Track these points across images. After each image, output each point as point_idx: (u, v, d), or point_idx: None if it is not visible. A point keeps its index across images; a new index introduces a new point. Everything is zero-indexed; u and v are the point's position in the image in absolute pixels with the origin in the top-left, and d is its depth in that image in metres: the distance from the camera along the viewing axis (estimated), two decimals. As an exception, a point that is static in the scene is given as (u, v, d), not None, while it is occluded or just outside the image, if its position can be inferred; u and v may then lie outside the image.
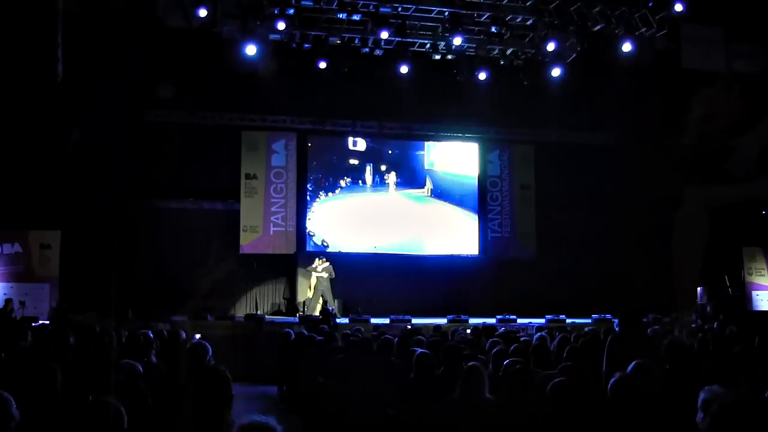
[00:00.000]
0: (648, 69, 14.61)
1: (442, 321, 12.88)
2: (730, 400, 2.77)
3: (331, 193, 16.30)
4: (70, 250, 13.76)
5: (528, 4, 13.54)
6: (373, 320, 13.02)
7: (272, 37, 13.64)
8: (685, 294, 14.39)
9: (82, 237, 13.84)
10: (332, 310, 13.82)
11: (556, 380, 4.18)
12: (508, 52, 14.82)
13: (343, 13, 13.24)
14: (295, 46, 14.13)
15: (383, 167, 16.63)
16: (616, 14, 13.71)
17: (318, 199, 16.22)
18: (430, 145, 17.01)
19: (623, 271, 15.80)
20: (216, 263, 15.20)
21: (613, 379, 3.90)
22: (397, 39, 13.96)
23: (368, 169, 16.53)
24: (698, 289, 14.69)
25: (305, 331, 10.17)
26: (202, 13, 12.58)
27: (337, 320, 13.15)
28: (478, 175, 17.12)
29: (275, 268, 15.89)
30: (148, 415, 4.20)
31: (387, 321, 12.79)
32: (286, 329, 10.33)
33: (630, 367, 4.29)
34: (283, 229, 15.77)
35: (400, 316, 13.10)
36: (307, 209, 16.09)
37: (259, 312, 14.72)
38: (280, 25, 13.17)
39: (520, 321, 13.53)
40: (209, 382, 3.25)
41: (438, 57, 14.79)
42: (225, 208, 15.80)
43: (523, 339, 7.45)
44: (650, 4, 13.60)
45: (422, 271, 16.05)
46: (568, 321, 13.49)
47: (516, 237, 17.10)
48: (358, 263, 15.70)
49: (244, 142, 15.74)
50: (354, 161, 16.51)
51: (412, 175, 16.78)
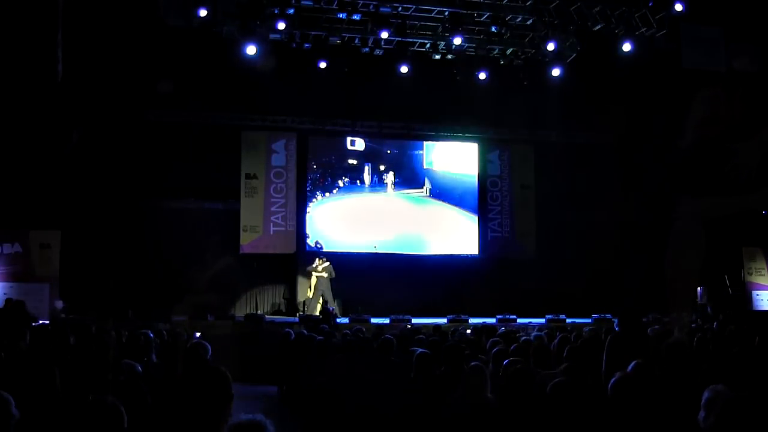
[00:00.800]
0: (648, 69, 14.62)
1: (442, 321, 12.88)
2: (734, 400, 2.77)
3: (328, 194, 16.29)
4: (70, 250, 13.76)
5: (528, 3, 13.54)
6: (373, 320, 13.02)
7: (272, 37, 13.64)
8: (685, 294, 14.39)
9: (82, 237, 13.83)
10: (332, 309, 13.82)
11: (557, 380, 4.18)
12: (508, 52, 14.82)
13: (343, 13, 13.23)
14: (295, 46, 14.13)
15: (382, 167, 16.62)
16: (616, 14, 13.71)
17: (315, 200, 16.20)
18: (430, 145, 17.01)
19: (623, 271, 15.81)
20: (216, 263, 15.21)
21: (613, 379, 3.89)
22: (397, 39, 13.96)
23: (366, 169, 16.52)
24: (698, 289, 14.69)
25: (305, 331, 10.17)
26: (203, 13, 12.57)
27: (337, 320, 13.15)
28: (478, 175, 17.11)
29: (275, 268, 15.89)
30: (148, 414, 4.19)
31: (387, 321, 12.78)
32: (286, 329, 10.32)
33: (630, 367, 4.29)
34: (283, 229, 15.77)
35: (400, 316, 13.10)
36: (306, 209, 16.09)
37: (259, 312, 14.72)
38: (280, 25, 13.17)
39: (520, 321, 13.54)
40: (209, 381, 3.25)
41: (438, 57, 14.79)
42: (225, 207, 15.80)
43: (523, 339, 7.44)
44: (650, 4, 13.60)
45: (422, 271, 16.05)
46: (568, 321, 13.50)
47: (516, 237, 17.09)
48: (358, 263, 15.69)
49: (244, 142, 15.74)
50: (353, 161, 16.50)
51: (411, 175, 16.78)
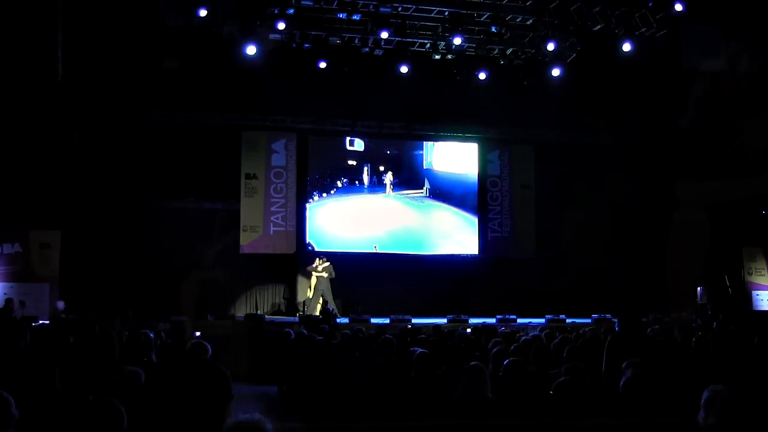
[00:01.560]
0: (648, 69, 14.62)
1: (442, 321, 12.89)
2: (734, 399, 2.77)
3: (326, 194, 16.29)
4: (70, 250, 13.76)
5: (528, 4, 13.53)
6: (373, 320, 13.02)
7: (272, 37, 13.63)
8: (685, 294, 14.39)
9: (82, 237, 13.84)
10: (332, 310, 13.82)
11: (559, 380, 4.19)
12: (508, 52, 14.81)
13: (343, 13, 13.23)
14: (295, 46, 14.13)
15: (381, 168, 16.61)
16: (616, 14, 13.70)
17: (312, 201, 16.19)
18: (430, 145, 17.00)
19: (623, 271, 15.82)
20: (216, 263, 15.21)
21: (624, 379, 3.90)
22: (397, 39, 13.96)
23: (366, 169, 16.52)
24: (698, 289, 14.69)
25: (305, 331, 10.17)
26: (203, 12, 12.57)
27: (337, 320, 13.16)
28: (478, 175, 17.11)
29: (275, 268, 15.90)
30: (148, 414, 4.19)
31: (387, 321, 12.79)
32: (286, 329, 10.32)
33: (631, 367, 4.29)
34: (283, 229, 15.76)
35: (400, 316, 13.11)
36: (306, 209, 16.09)
37: (259, 312, 14.72)
38: (280, 25, 13.16)
39: (520, 321, 13.55)
40: (209, 381, 3.25)
41: (438, 57, 14.78)
42: (225, 207, 15.80)
43: (523, 339, 7.45)
44: (650, 4, 13.59)
45: (422, 271, 16.05)
46: (568, 321, 13.51)
47: (516, 237, 17.09)
48: (358, 263, 15.69)
49: (244, 142, 15.74)
50: (352, 162, 16.50)
51: (410, 176, 16.78)
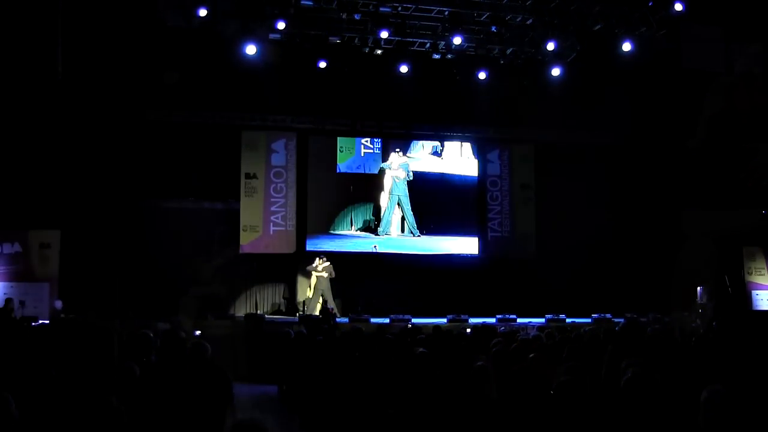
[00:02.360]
0: (648, 69, 14.62)
1: (442, 321, 12.90)
2: (732, 399, 2.78)
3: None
4: (70, 249, 13.77)
5: (528, 3, 13.53)
6: (373, 320, 13.03)
7: (272, 36, 13.64)
8: (685, 294, 14.39)
9: (82, 237, 13.84)
10: (332, 309, 13.82)
11: (561, 380, 4.18)
12: (508, 51, 14.81)
13: (343, 12, 13.24)
14: (295, 45, 14.13)
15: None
16: (616, 14, 13.71)
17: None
18: (429, 145, 16.98)
19: (623, 271, 15.82)
20: (216, 263, 15.22)
21: (625, 378, 3.90)
22: (397, 38, 13.95)
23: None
24: (698, 289, 14.70)
25: (305, 331, 10.18)
26: (202, 12, 12.57)
27: (337, 320, 13.16)
28: (478, 175, 17.11)
29: (275, 268, 15.90)
30: (148, 414, 4.20)
31: (387, 321, 12.79)
32: (286, 329, 10.33)
33: (630, 367, 4.29)
34: (283, 229, 15.76)
35: (400, 316, 13.12)
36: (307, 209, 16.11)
37: (259, 312, 14.73)
38: (280, 25, 13.16)
39: (519, 321, 13.56)
40: (209, 381, 3.26)
41: (438, 56, 14.78)
42: (225, 207, 15.80)
43: (522, 338, 7.46)
44: (650, 4, 13.59)
45: (422, 271, 16.05)
46: (568, 321, 13.52)
47: (516, 237, 17.08)
48: (358, 263, 15.70)
49: (243, 142, 15.74)
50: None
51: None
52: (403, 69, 14.56)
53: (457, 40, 13.78)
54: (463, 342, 7.74)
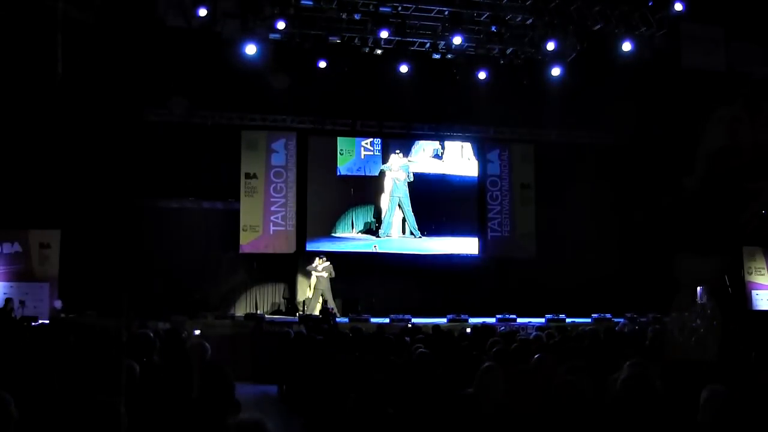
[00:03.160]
0: (648, 68, 14.62)
1: (442, 321, 12.90)
2: (732, 399, 2.77)
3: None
4: (70, 249, 13.77)
5: (528, 3, 13.53)
6: (373, 320, 13.03)
7: (272, 36, 13.64)
8: (684, 294, 14.37)
9: (82, 237, 13.84)
10: (332, 309, 13.83)
11: (564, 379, 4.18)
12: (508, 51, 14.81)
13: (343, 12, 13.24)
14: (294, 45, 14.13)
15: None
16: (616, 14, 13.71)
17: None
18: (428, 144, 16.98)
19: (623, 271, 15.81)
20: (216, 262, 15.22)
21: (621, 377, 3.90)
22: (397, 38, 13.96)
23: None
24: (698, 288, 14.68)
25: (305, 331, 10.18)
26: (202, 12, 12.56)
27: (337, 320, 13.16)
28: (478, 174, 17.10)
29: (275, 268, 15.90)
30: (148, 414, 4.19)
31: (387, 320, 12.79)
32: (286, 329, 10.33)
33: (630, 367, 4.29)
34: (283, 229, 15.76)
35: (400, 316, 13.12)
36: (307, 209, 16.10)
37: (259, 311, 14.73)
38: (280, 25, 13.17)
39: (519, 320, 13.56)
40: (209, 381, 3.25)
41: (438, 56, 14.78)
42: (225, 207, 15.80)
43: (522, 338, 7.46)
44: (650, 4, 13.59)
45: (422, 270, 16.05)
46: (568, 320, 13.52)
47: (516, 236, 17.08)
48: (358, 263, 15.70)
49: (243, 142, 15.74)
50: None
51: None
52: (403, 69, 14.55)
53: (457, 40, 13.77)
54: (465, 342, 7.74)
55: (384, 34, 13.52)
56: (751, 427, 2.84)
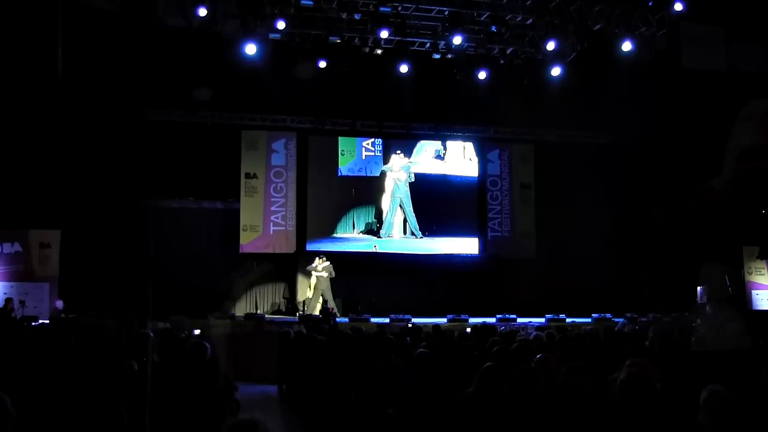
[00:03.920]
0: (648, 68, 14.61)
1: (442, 321, 12.89)
2: (731, 399, 2.77)
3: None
4: (70, 249, 13.76)
5: (528, 3, 13.53)
6: (373, 320, 13.03)
7: (272, 36, 13.63)
8: (684, 294, 14.38)
9: (81, 236, 13.84)
10: (332, 309, 13.83)
11: (562, 379, 4.18)
12: (508, 51, 14.81)
13: (343, 12, 13.23)
14: (295, 45, 14.12)
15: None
16: (616, 13, 13.71)
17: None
18: (429, 144, 16.97)
19: (623, 271, 15.81)
20: (216, 262, 15.21)
21: (621, 377, 3.90)
22: (397, 38, 13.95)
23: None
24: (698, 288, 14.69)
25: (305, 331, 10.17)
26: (202, 12, 12.55)
27: (337, 320, 13.16)
28: (478, 174, 17.10)
29: (275, 268, 15.89)
30: (147, 414, 4.19)
31: (387, 320, 12.79)
32: (286, 329, 10.32)
33: (630, 367, 4.29)
34: (283, 229, 15.76)
35: (400, 315, 13.11)
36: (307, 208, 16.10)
37: (259, 311, 14.73)
38: (280, 25, 13.16)
39: (520, 320, 13.55)
40: (209, 380, 3.25)
41: (438, 56, 14.78)
42: (225, 207, 15.80)
43: (522, 338, 7.46)
44: (650, 4, 13.60)
45: (422, 270, 16.05)
46: (568, 320, 13.51)
47: (516, 236, 17.08)
48: (358, 263, 15.69)
49: (243, 142, 15.75)
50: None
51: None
52: (403, 69, 14.55)
53: (457, 40, 13.77)
54: (468, 342, 7.73)
55: (384, 34, 13.52)
56: (750, 428, 2.84)
